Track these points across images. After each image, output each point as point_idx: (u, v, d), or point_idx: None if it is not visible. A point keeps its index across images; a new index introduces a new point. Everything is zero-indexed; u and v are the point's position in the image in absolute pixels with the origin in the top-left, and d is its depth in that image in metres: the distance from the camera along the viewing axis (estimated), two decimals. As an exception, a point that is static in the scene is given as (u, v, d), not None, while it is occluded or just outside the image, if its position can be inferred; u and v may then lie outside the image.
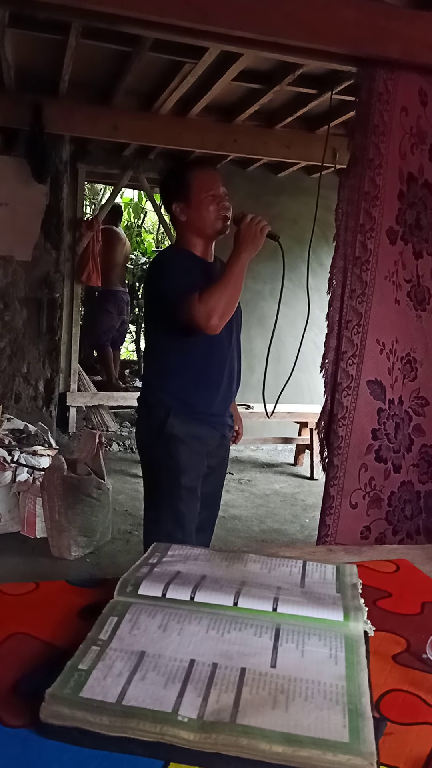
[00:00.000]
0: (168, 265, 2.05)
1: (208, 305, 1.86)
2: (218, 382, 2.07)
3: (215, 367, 2.07)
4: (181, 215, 2.05)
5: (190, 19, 2.11)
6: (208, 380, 2.06)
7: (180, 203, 2.04)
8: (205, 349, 2.04)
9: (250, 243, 1.92)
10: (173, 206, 2.06)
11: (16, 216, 4.72)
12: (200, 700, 0.66)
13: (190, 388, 2.06)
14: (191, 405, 2.05)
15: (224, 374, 2.09)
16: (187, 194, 2.02)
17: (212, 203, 2.01)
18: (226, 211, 2.03)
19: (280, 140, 4.53)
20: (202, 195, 2.00)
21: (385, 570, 1.11)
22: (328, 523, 2.36)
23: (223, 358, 2.08)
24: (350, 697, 0.69)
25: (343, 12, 2.18)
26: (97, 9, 2.09)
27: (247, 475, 5.11)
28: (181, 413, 2.04)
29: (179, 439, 2.03)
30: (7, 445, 3.81)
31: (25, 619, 0.88)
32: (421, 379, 2.39)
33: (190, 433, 2.04)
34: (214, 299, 1.87)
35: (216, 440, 2.13)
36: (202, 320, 1.86)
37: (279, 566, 1.01)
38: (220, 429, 2.14)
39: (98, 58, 3.47)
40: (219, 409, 2.11)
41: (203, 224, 2.03)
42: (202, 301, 1.86)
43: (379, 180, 2.30)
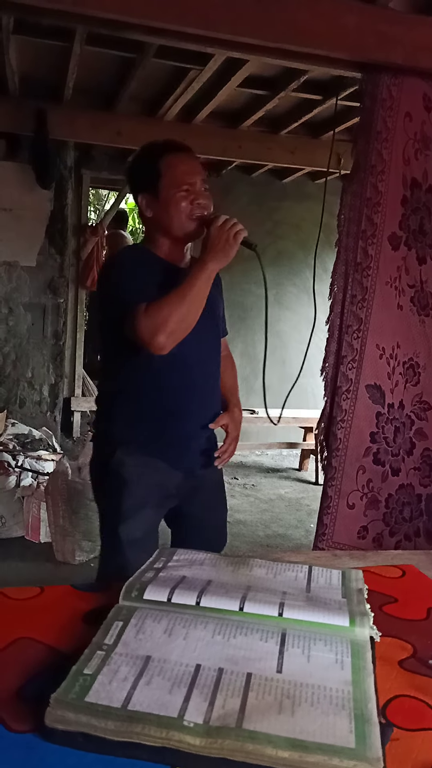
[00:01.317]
0: (117, 268, 1.68)
1: (155, 320, 1.51)
2: (182, 409, 1.69)
3: (177, 391, 1.68)
4: (147, 210, 1.67)
5: (195, 26, 2.12)
6: (167, 407, 1.68)
7: (146, 195, 1.66)
8: (162, 369, 1.64)
9: (220, 251, 1.56)
10: (139, 198, 1.67)
11: (21, 222, 4.74)
12: (206, 705, 0.66)
13: (142, 416, 1.68)
14: (143, 438, 1.67)
15: (191, 398, 1.70)
16: (156, 185, 1.63)
17: (185, 199, 1.62)
18: (202, 210, 1.63)
19: (285, 146, 4.53)
20: (173, 188, 1.62)
21: (391, 575, 1.10)
22: (326, 522, 2.42)
23: (189, 379, 1.68)
24: (356, 703, 0.69)
25: (347, 18, 2.19)
26: (101, 15, 2.10)
27: (252, 480, 5.11)
28: (131, 448, 1.67)
29: (125, 481, 1.65)
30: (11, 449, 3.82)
31: (29, 624, 0.87)
32: (424, 384, 2.41)
33: (141, 473, 1.66)
34: (163, 313, 1.52)
35: (178, 480, 1.72)
36: (145, 336, 1.52)
37: (284, 571, 1.01)
38: (183, 466, 1.72)
39: (102, 64, 3.49)
40: (183, 442, 1.71)
41: (171, 224, 1.64)
42: (149, 313, 1.52)
43: (381, 186, 2.30)
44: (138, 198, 1.68)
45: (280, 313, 5.46)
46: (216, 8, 2.08)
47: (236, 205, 5.55)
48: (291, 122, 4.22)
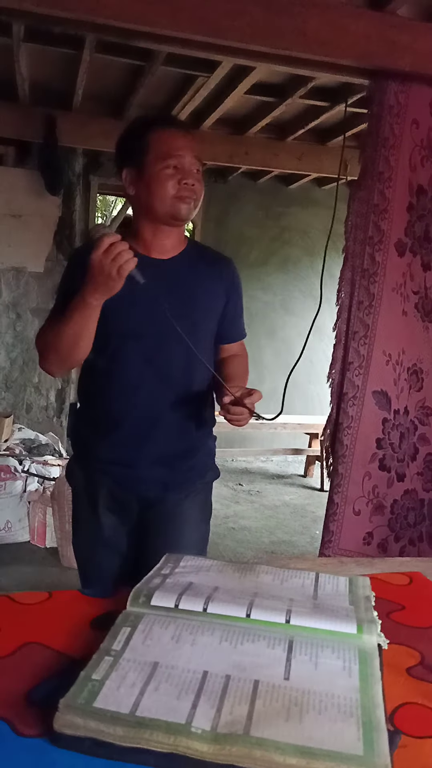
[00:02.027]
0: (66, 267, 1.57)
1: (38, 344, 1.47)
2: (119, 418, 1.50)
3: (118, 396, 1.50)
4: (129, 186, 1.50)
5: (204, 33, 2.13)
6: (103, 413, 1.53)
7: (130, 170, 1.49)
8: (108, 371, 1.50)
9: (101, 284, 1.30)
10: (123, 172, 1.51)
11: (29, 227, 4.76)
12: (214, 712, 0.66)
13: (92, 426, 1.55)
14: (92, 451, 1.55)
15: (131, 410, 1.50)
16: (141, 159, 1.46)
17: (171, 178, 1.44)
18: (190, 192, 1.46)
19: (292, 152, 4.55)
20: (159, 164, 1.44)
21: (398, 582, 1.10)
22: (332, 529, 2.42)
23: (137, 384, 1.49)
24: (364, 710, 0.68)
25: (355, 25, 2.20)
26: (111, 24, 2.12)
27: (257, 487, 5.10)
28: (81, 460, 1.58)
29: (77, 495, 1.58)
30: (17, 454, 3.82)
31: (38, 629, 0.88)
32: (427, 390, 2.41)
33: (88, 486, 1.55)
34: (45, 340, 1.45)
35: (133, 505, 1.54)
36: (38, 355, 1.49)
37: (291, 578, 1.01)
38: (135, 488, 1.53)
39: (111, 71, 3.51)
40: (130, 459, 1.51)
41: (153, 204, 1.46)
42: (39, 334, 1.48)
43: (388, 193, 2.31)
44: (123, 173, 1.51)
45: (286, 319, 5.47)
46: (225, 16, 2.09)
47: (243, 211, 5.57)
48: (298, 128, 4.23)
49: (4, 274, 4.82)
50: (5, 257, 4.77)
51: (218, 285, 1.58)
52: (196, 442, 1.59)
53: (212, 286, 1.57)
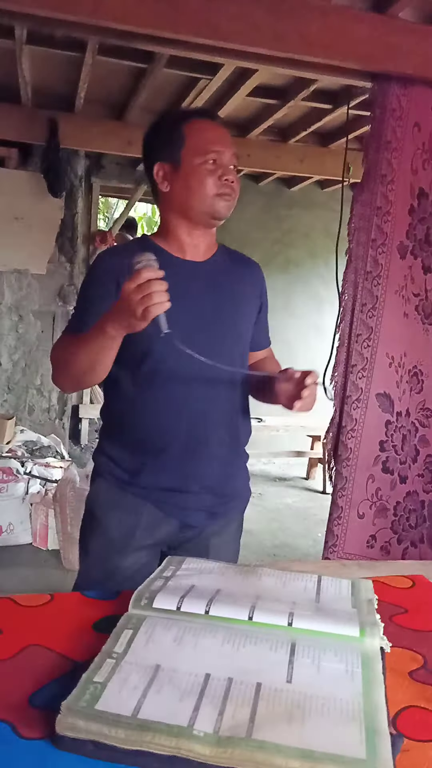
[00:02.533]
0: (88, 276, 1.44)
1: (53, 359, 1.37)
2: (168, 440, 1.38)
3: (162, 421, 1.38)
4: (163, 183, 1.38)
5: (206, 36, 2.14)
6: (149, 437, 1.39)
7: (165, 164, 1.38)
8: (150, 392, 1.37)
9: (125, 320, 1.16)
10: (155, 167, 1.39)
11: (32, 230, 4.77)
12: (216, 715, 0.66)
13: (126, 445, 1.41)
14: (128, 471, 1.40)
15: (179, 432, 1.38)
16: (177, 152, 1.36)
17: (211, 174, 1.34)
18: (230, 189, 1.36)
19: (294, 155, 4.55)
20: (199, 158, 1.34)
21: (401, 585, 1.10)
22: (336, 533, 2.42)
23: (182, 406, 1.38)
24: (367, 714, 0.68)
25: (358, 28, 2.20)
26: (114, 27, 2.12)
27: (259, 489, 5.09)
28: (112, 483, 1.41)
29: (96, 519, 1.42)
30: (20, 456, 3.83)
31: (40, 631, 0.88)
32: (427, 391, 2.41)
33: (121, 516, 1.39)
34: (60, 356, 1.35)
35: (173, 528, 1.42)
36: (52, 370, 1.39)
37: (293, 581, 1.00)
38: (178, 514, 1.41)
39: (113, 74, 3.51)
40: (174, 483, 1.40)
41: (191, 202, 1.36)
42: (55, 348, 1.38)
43: (391, 195, 2.31)
44: (154, 168, 1.39)
45: (288, 321, 5.47)
46: (227, 19, 2.10)
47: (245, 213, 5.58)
48: (300, 131, 4.24)
49: (7, 276, 4.82)
50: (7, 259, 4.78)
51: (254, 289, 1.53)
52: (237, 463, 1.51)
53: (249, 290, 1.51)
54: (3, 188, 4.61)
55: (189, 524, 1.43)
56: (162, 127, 1.41)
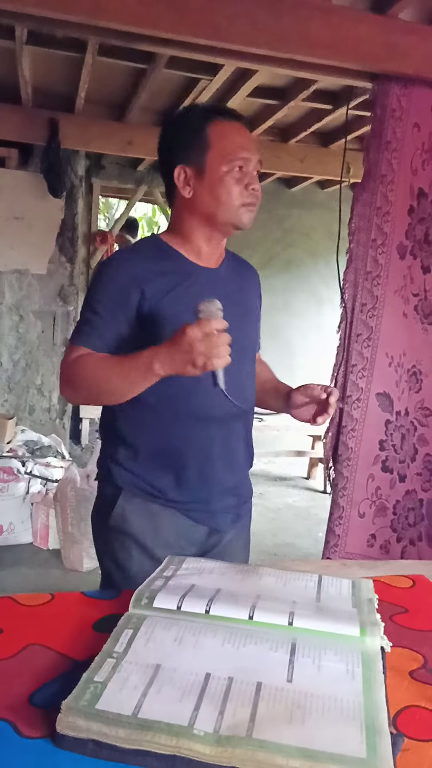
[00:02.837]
0: (95, 279, 1.33)
1: (73, 374, 1.26)
2: (199, 448, 1.35)
3: (194, 426, 1.34)
4: (185, 187, 1.31)
5: (206, 37, 2.14)
6: (170, 450, 1.35)
7: (188, 167, 1.30)
8: (181, 397, 1.31)
9: (177, 363, 1.11)
10: (176, 170, 1.30)
11: (32, 230, 4.77)
12: (216, 714, 0.66)
13: (154, 458, 1.35)
14: (152, 485, 1.35)
15: (201, 443, 1.35)
16: (202, 156, 1.28)
17: (238, 183, 1.28)
18: (255, 198, 1.30)
19: (294, 155, 4.56)
20: (226, 165, 1.27)
21: (402, 585, 1.10)
22: (338, 532, 2.42)
23: (208, 414, 1.34)
24: (367, 713, 0.68)
25: (358, 28, 2.20)
26: (115, 27, 2.13)
27: (260, 489, 5.09)
28: (137, 496, 1.35)
29: (132, 538, 1.34)
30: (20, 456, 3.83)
31: (40, 630, 0.88)
32: (426, 391, 2.41)
33: (152, 527, 1.34)
34: (83, 375, 1.24)
35: (203, 534, 1.40)
36: (60, 379, 1.29)
37: (294, 580, 1.01)
38: (207, 521, 1.39)
39: (114, 75, 3.51)
40: (201, 493, 1.37)
41: (216, 210, 1.29)
42: (77, 363, 1.25)
43: (391, 196, 2.32)
44: (175, 171, 1.31)
45: (289, 321, 5.47)
46: (227, 19, 2.10)
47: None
48: (300, 131, 4.24)
49: (7, 277, 4.83)
50: (8, 259, 4.78)
51: (256, 295, 1.51)
52: (249, 462, 1.51)
53: (253, 296, 1.49)
54: (3, 188, 4.61)
55: (217, 529, 1.41)
56: (183, 127, 1.32)
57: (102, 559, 1.43)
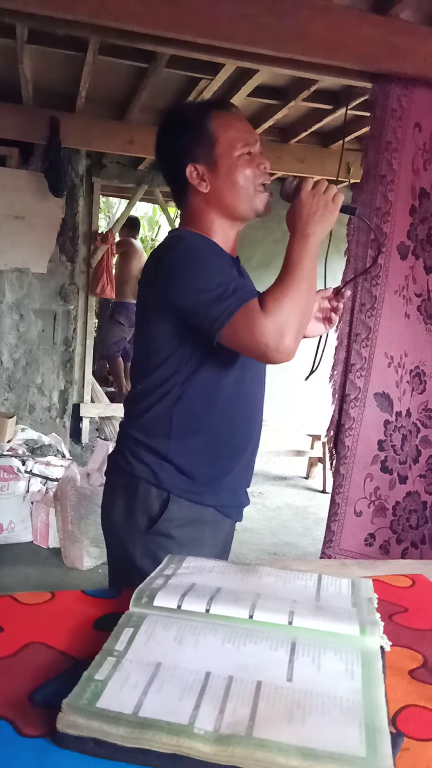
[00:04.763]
0: (197, 256, 1.27)
1: (278, 317, 1.16)
2: (245, 442, 1.39)
3: (244, 420, 1.38)
4: (201, 183, 1.33)
5: (207, 36, 2.14)
6: (233, 441, 1.36)
7: (199, 164, 1.32)
8: (235, 395, 1.34)
9: (320, 219, 1.24)
10: (188, 170, 1.33)
11: (33, 229, 4.77)
12: (216, 713, 0.66)
13: (206, 457, 1.34)
14: (205, 485, 1.33)
15: (254, 428, 1.41)
16: (211, 151, 1.32)
17: (250, 165, 1.33)
18: (267, 177, 1.36)
19: (294, 155, 4.56)
20: (236, 152, 1.31)
21: (401, 585, 1.10)
22: (333, 529, 2.44)
23: (256, 406, 1.40)
24: (367, 712, 0.68)
25: (359, 29, 2.20)
26: (116, 26, 2.13)
27: (259, 488, 5.10)
28: (185, 497, 1.32)
29: (175, 541, 1.31)
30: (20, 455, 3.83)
31: (41, 629, 0.88)
32: (430, 392, 2.41)
33: (194, 530, 1.34)
34: (286, 307, 1.17)
35: (226, 530, 1.44)
36: (271, 340, 1.16)
37: (294, 579, 1.01)
38: (234, 513, 1.44)
39: (115, 74, 3.52)
40: (236, 483, 1.41)
41: (238, 198, 1.33)
42: (269, 310, 1.16)
43: (391, 196, 2.32)
44: (187, 171, 1.33)
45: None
46: (228, 19, 2.10)
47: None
48: (301, 131, 4.24)
49: (8, 275, 4.83)
50: (8, 258, 4.78)
51: None
52: None
53: None
54: (4, 187, 4.62)
55: (237, 520, 1.46)
56: (185, 128, 1.35)
57: (134, 562, 1.33)
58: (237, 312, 1.18)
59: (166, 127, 1.40)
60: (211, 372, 1.30)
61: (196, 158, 1.33)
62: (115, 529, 1.38)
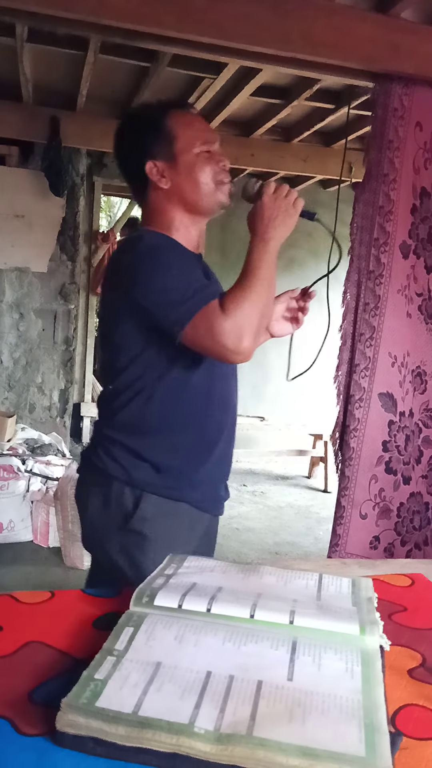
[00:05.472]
0: (157, 256, 1.26)
1: (237, 319, 1.18)
2: (218, 435, 1.40)
3: (216, 413, 1.38)
4: (162, 180, 1.34)
5: (209, 35, 2.14)
6: (206, 435, 1.37)
7: (158, 160, 1.33)
8: (206, 389, 1.35)
9: (281, 223, 1.28)
10: (147, 166, 1.34)
11: (33, 228, 4.77)
12: (217, 712, 0.66)
13: (180, 453, 1.34)
14: (178, 480, 1.34)
15: (227, 420, 1.42)
16: (170, 147, 1.33)
17: (209, 162, 1.35)
18: (227, 175, 1.37)
19: (297, 154, 4.55)
20: (195, 148, 1.33)
21: (400, 584, 1.10)
22: (339, 533, 2.42)
23: (229, 398, 1.41)
24: (366, 712, 0.68)
25: (361, 28, 2.20)
26: (116, 25, 2.13)
27: (261, 488, 5.10)
28: (157, 493, 1.32)
29: (147, 538, 1.31)
30: (21, 454, 3.83)
31: (40, 628, 0.88)
32: (431, 392, 2.41)
33: (167, 525, 1.33)
34: (245, 309, 1.19)
35: (205, 524, 1.44)
36: (230, 342, 1.18)
37: (295, 579, 1.01)
38: (212, 507, 1.44)
39: (116, 73, 3.51)
40: (211, 478, 1.41)
41: (198, 193, 1.34)
42: (228, 312, 1.18)
43: (393, 195, 2.32)
44: (146, 167, 1.34)
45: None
46: (231, 18, 2.10)
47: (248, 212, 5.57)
48: (303, 131, 4.24)
49: (8, 275, 4.83)
50: (9, 257, 4.78)
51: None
52: None
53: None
54: (4, 186, 4.62)
55: (216, 514, 1.47)
56: (144, 126, 1.37)
57: (111, 559, 1.35)
58: (197, 313, 1.20)
59: (125, 126, 1.41)
60: (180, 369, 1.31)
61: (156, 155, 1.34)
62: (91, 525, 1.40)
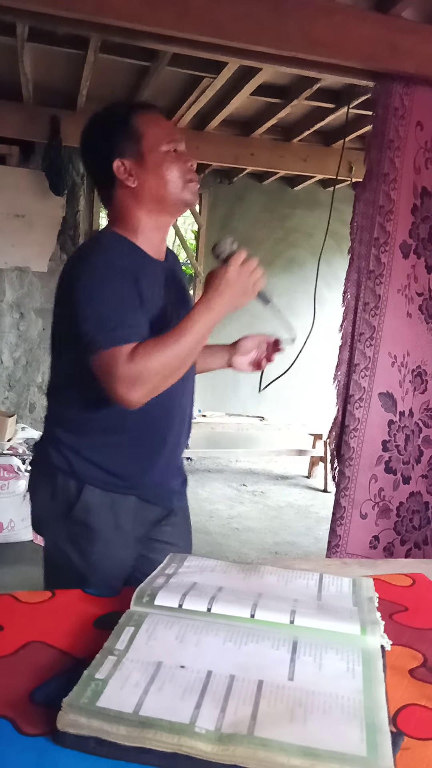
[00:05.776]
0: (95, 276, 1.28)
1: (139, 370, 1.19)
2: (163, 439, 1.41)
3: (162, 415, 1.39)
4: (129, 178, 1.35)
5: (209, 34, 2.14)
6: (147, 437, 1.39)
7: (126, 159, 1.34)
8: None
9: (235, 298, 1.27)
10: (115, 164, 1.34)
11: (33, 228, 4.77)
12: (218, 712, 0.66)
13: (117, 449, 1.37)
14: (118, 475, 1.37)
15: (174, 421, 1.42)
16: (137, 146, 1.34)
17: (176, 161, 1.35)
18: (194, 174, 1.39)
19: (297, 154, 4.55)
20: (163, 147, 1.34)
21: (401, 584, 1.10)
22: (339, 533, 2.41)
23: (175, 396, 1.39)
24: (367, 711, 0.68)
25: (361, 28, 2.20)
26: (116, 24, 2.12)
27: (261, 487, 5.10)
28: (100, 486, 1.36)
29: (92, 528, 1.35)
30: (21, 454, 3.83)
31: (41, 628, 0.88)
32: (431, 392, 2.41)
33: (112, 516, 1.37)
34: (151, 365, 1.20)
35: (156, 514, 1.47)
36: (120, 389, 1.19)
37: (295, 579, 1.01)
38: (163, 501, 1.47)
39: (116, 72, 3.51)
40: (161, 476, 1.44)
41: (165, 191, 1.35)
42: (135, 360, 1.19)
43: (393, 194, 2.32)
44: (114, 165, 1.34)
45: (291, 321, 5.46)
46: (231, 18, 2.10)
47: (248, 212, 5.57)
48: (303, 130, 4.24)
49: (8, 274, 4.83)
50: (9, 257, 4.78)
51: (185, 278, 1.57)
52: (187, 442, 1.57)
53: (186, 281, 1.55)
54: (4, 186, 4.61)
55: (168, 508, 1.49)
56: (110, 125, 1.37)
57: (57, 546, 1.40)
58: (104, 351, 1.21)
59: (92, 126, 1.41)
60: None
61: (123, 153, 1.35)
62: (40, 514, 1.44)
